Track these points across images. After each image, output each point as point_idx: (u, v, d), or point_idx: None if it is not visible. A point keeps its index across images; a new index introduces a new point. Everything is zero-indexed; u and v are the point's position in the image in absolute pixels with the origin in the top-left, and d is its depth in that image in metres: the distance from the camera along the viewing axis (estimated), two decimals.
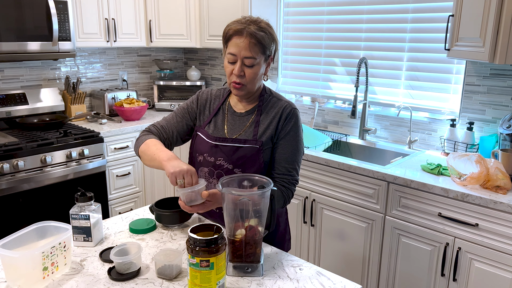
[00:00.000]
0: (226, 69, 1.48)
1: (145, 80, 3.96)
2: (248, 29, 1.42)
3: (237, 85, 1.46)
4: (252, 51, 1.42)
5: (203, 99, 1.63)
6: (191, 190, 1.30)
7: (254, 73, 1.45)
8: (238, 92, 1.49)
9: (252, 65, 1.44)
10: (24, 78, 3.18)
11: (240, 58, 1.43)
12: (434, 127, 2.66)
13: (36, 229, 1.29)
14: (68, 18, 2.91)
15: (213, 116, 1.58)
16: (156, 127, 1.60)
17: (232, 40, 1.43)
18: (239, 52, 1.42)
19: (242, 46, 1.41)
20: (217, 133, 1.55)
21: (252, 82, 1.47)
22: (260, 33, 1.43)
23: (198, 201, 1.33)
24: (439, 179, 2.12)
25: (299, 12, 3.24)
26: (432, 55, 2.61)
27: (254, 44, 1.42)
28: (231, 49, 1.43)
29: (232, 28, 1.43)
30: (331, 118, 3.16)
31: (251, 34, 1.41)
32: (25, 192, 2.61)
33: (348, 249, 2.46)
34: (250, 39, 1.41)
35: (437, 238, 2.08)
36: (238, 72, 1.43)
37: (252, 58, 1.43)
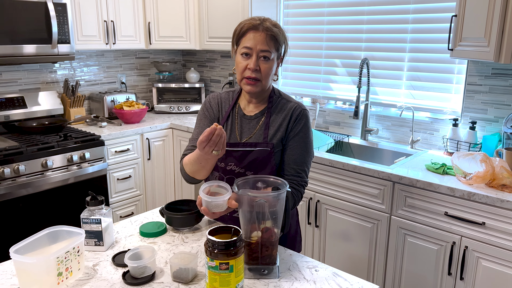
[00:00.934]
0: (238, 65, 1.46)
1: (144, 83, 3.93)
2: (264, 24, 1.44)
3: (252, 81, 1.45)
4: (269, 44, 1.42)
5: (216, 103, 1.60)
6: (220, 200, 1.26)
7: (269, 68, 1.45)
8: (252, 89, 1.46)
9: (268, 59, 1.44)
10: (22, 81, 3.14)
11: (256, 52, 1.42)
12: (436, 126, 2.67)
13: (48, 234, 1.27)
14: (67, 20, 2.88)
15: (225, 121, 1.56)
16: (189, 149, 1.55)
17: (247, 35, 1.43)
18: (255, 45, 1.42)
19: (259, 39, 1.41)
20: (228, 138, 1.53)
21: (267, 77, 1.46)
22: (275, 29, 1.44)
23: (223, 209, 1.30)
24: (444, 178, 2.13)
25: (299, 14, 3.24)
26: (433, 55, 2.63)
27: (270, 38, 1.43)
28: (247, 43, 1.43)
29: (246, 24, 1.44)
30: (332, 119, 3.17)
31: (267, 29, 1.43)
32: (25, 197, 2.57)
33: (353, 250, 2.46)
34: (266, 33, 1.42)
35: (444, 237, 2.09)
36: (254, 65, 1.42)
37: (268, 52, 1.43)
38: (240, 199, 1.22)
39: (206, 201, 1.28)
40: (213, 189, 1.31)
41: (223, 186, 1.29)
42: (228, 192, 1.26)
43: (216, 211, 1.29)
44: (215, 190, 1.31)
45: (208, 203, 1.27)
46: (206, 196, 1.26)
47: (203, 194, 1.27)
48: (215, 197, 1.26)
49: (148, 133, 3.27)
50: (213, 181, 1.33)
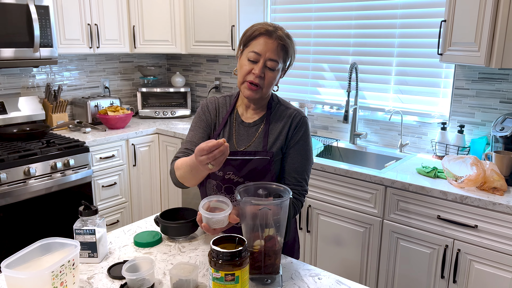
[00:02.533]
0: (242, 68, 1.41)
1: (128, 87, 3.86)
2: (278, 32, 1.40)
3: (254, 87, 1.41)
4: (278, 54, 1.39)
5: (213, 108, 1.55)
6: (221, 216, 1.21)
7: (273, 77, 1.42)
8: (252, 94, 1.42)
9: (274, 68, 1.40)
10: (1, 86, 3.04)
11: (264, 59, 1.39)
12: (424, 130, 2.69)
13: (41, 246, 1.21)
14: (49, 23, 2.80)
15: (222, 128, 1.53)
16: (183, 153, 1.48)
17: (259, 39, 1.39)
18: (265, 52, 1.38)
19: (270, 47, 1.38)
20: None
21: (269, 86, 1.43)
22: (288, 40, 1.42)
23: (224, 225, 1.25)
24: (436, 182, 2.14)
25: (286, 18, 3.23)
26: (421, 60, 2.65)
27: (281, 49, 1.40)
28: (257, 48, 1.38)
29: (260, 28, 1.40)
30: (320, 123, 3.16)
31: (280, 38, 1.39)
32: (7, 206, 2.47)
33: (345, 255, 2.45)
34: (278, 42, 1.39)
35: (436, 241, 2.10)
36: (259, 72, 1.39)
37: (276, 62, 1.40)
38: (242, 207, 1.19)
39: (207, 218, 1.22)
40: (213, 204, 1.26)
41: (223, 200, 1.25)
42: (228, 207, 1.22)
43: (217, 227, 1.25)
44: (215, 205, 1.26)
45: (208, 220, 1.22)
46: (206, 212, 1.21)
47: (203, 211, 1.21)
48: (216, 213, 1.21)
49: (133, 139, 3.20)
50: (212, 196, 1.28)
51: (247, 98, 1.47)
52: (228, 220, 1.24)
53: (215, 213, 1.21)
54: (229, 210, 1.22)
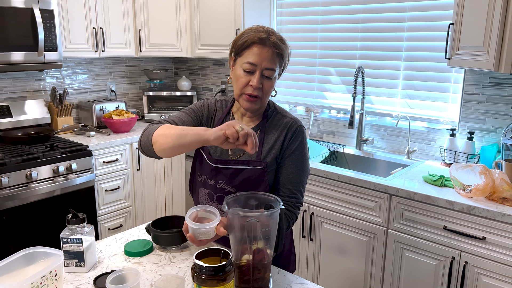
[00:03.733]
0: (239, 80, 1.35)
1: (134, 91, 3.85)
2: (271, 38, 1.33)
3: (253, 98, 1.35)
4: (274, 62, 1.33)
5: (212, 109, 1.49)
6: (208, 227, 1.16)
7: (271, 86, 1.37)
8: (252, 106, 1.37)
9: (271, 77, 1.35)
10: (7, 89, 3.05)
11: (260, 69, 1.32)
12: (433, 136, 2.61)
13: (24, 256, 1.18)
14: (54, 27, 2.80)
15: None
16: (167, 121, 1.39)
17: (253, 48, 1.32)
18: (261, 62, 1.32)
19: (265, 56, 1.31)
20: (219, 153, 1.44)
21: (268, 95, 1.38)
22: (282, 45, 1.35)
23: (210, 236, 1.20)
24: (442, 191, 2.07)
25: (292, 21, 3.18)
26: (429, 64, 2.58)
27: (277, 56, 1.34)
28: (251, 58, 1.32)
29: (252, 36, 1.33)
30: (326, 128, 3.10)
31: (275, 45, 1.33)
32: (9, 210, 2.47)
33: (349, 264, 2.38)
34: (274, 50, 1.32)
35: (443, 252, 2.02)
36: (257, 84, 1.33)
37: (272, 70, 1.34)
38: (230, 219, 1.14)
39: (193, 228, 1.18)
40: (201, 214, 1.21)
41: (211, 211, 1.20)
42: (216, 218, 1.17)
43: (203, 238, 1.20)
44: (202, 215, 1.21)
45: (194, 230, 1.17)
46: (192, 223, 1.16)
47: (189, 221, 1.17)
48: (202, 224, 1.16)
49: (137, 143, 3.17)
50: (201, 205, 1.23)
51: (246, 110, 1.42)
52: (215, 232, 1.19)
53: (201, 224, 1.16)
54: (216, 221, 1.17)
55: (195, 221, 1.19)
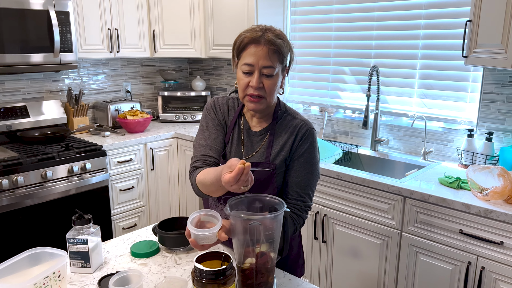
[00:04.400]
0: (240, 82, 1.34)
1: (150, 91, 3.87)
2: (265, 36, 1.30)
3: (255, 99, 1.33)
4: (271, 59, 1.30)
5: (224, 110, 1.48)
6: (209, 232, 1.14)
7: (274, 84, 1.33)
8: (256, 106, 1.35)
9: (271, 75, 1.31)
10: (25, 90, 3.11)
11: (258, 68, 1.30)
12: (450, 137, 2.54)
13: (29, 256, 1.19)
14: (69, 29, 2.84)
15: (231, 131, 1.45)
16: (200, 161, 1.40)
17: (248, 49, 1.30)
18: (257, 61, 1.29)
19: (260, 54, 1.29)
20: (234, 154, 1.42)
21: (272, 94, 1.35)
22: (278, 41, 1.31)
23: (212, 241, 1.18)
24: (458, 193, 2.00)
25: (306, 20, 3.15)
26: (446, 63, 2.51)
27: (273, 52, 1.30)
28: (248, 59, 1.30)
29: (247, 36, 1.31)
30: (340, 128, 3.05)
31: (270, 42, 1.29)
32: (25, 209, 2.51)
33: (362, 268, 2.33)
34: (269, 47, 1.29)
35: (459, 257, 1.95)
36: (257, 83, 1.30)
37: (271, 68, 1.30)
38: (233, 221, 1.12)
39: (194, 233, 1.16)
40: (204, 218, 1.19)
41: (213, 215, 1.18)
42: (218, 223, 1.15)
43: (205, 243, 1.17)
44: (205, 219, 1.19)
45: (196, 236, 1.15)
46: (193, 228, 1.14)
47: (191, 226, 1.14)
48: (203, 230, 1.14)
49: (151, 143, 3.20)
50: (203, 210, 1.22)
51: (252, 111, 1.40)
52: (217, 237, 1.16)
53: (203, 230, 1.14)
54: (217, 226, 1.14)
55: (197, 226, 1.18)
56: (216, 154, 1.41)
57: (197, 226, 1.17)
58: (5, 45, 2.58)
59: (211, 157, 1.40)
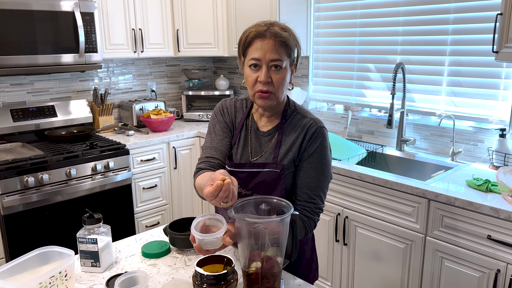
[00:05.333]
0: (248, 79, 1.31)
1: (174, 90, 3.90)
2: (271, 29, 1.27)
3: (265, 94, 1.29)
4: (279, 52, 1.26)
5: (232, 110, 1.46)
6: (213, 237, 1.11)
7: (282, 78, 1.29)
8: (266, 102, 1.31)
9: (279, 68, 1.28)
10: (53, 90, 3.19)
11: (265, 62, 1.27)
12: (481, 137, 2.41)
13: (39, 255, 1.20)
14: (94, 29, 2.88)
15: (238, 133, 1.43)
16: (204, 162, 1.39)
17: (254, 44, 1.27)
18: (264, 55, 1.26)
19: (267, 48, 1.25)
20: (240, 156, 1.39)
21: (281, 89, 1.31)
22: (285, 33, 1.28)
23: (217, 246, 1.13)
24: (487, 196, 1.89)
25: (330, 16, 3.07)
26: (477, 58, 2.38)
27: (280, 45, 1.26)
28: (254, 54, 1.27)
29: (252, 31, 1.28)
30: (365, 127, 2.97)
31: (276, 35, 1.26)
32: (52, 205, 2.58)
33: (384, 272, 2.26)
34: (275, 39, 1.26)
35: (487, 264, 1.85)
36: (265, 78, 1.27)
37: (279, 60, 1.27)
38: (238, 224, 1.09)
39: (198, 238, 1.12)
40: (209, 222, 1.15)
41: (219, 219, 1.15)
42: (222, 228, 1.12)
43: (210, 248, 1.13)
44: (210, 223, 1.16)
45: (200, 241, 1.11)
46: (197, 233, 1.10)
47: (194, 231, 1.10)
48: (207, 234, 1.11)
49: (174, 142, 3.21)
50: (207, 214, 1.19)
51: (262, 108, 1.37)
52: (222, 242, 1.13)
53: (207, 234, 1.11)
54: (222, 230, 1.11)
55: (202, 230, 1.15)
56: (221, 156, 1.39)
57: (202, 231, 1.14)
58: (31, 46, 2.64)
59: (215, 158, 1.38)
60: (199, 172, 1.34)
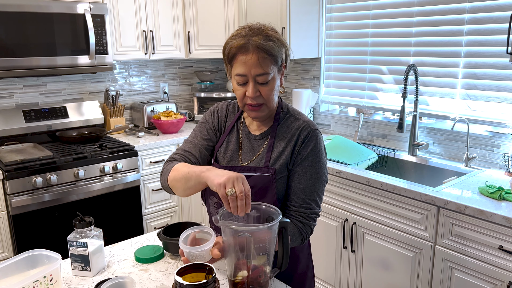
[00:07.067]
0: (236, 92, 1.27)
1: (186, 92, 3.90)
2: (252, 42, 1.20)
3: (255, 107, 1.26)
4: (264, 66, 1.20)
5: (222, 115, 1.44)
6: (201, 250, 1.08)
7: (271, 89, 1.25)
8: (258, 114, 1.28)
9: (266, 81, 1.23)
10: (66, 92, 3.22)
11: (251, 78, 1.22)
12: (497, 142, 2.31)
13: (27, 258, 1.19)
14: (105, 31, 2.90)
15: (226, 136, 1.41)
16: (180, 154, 1.38)
17: (238, 58, 1.21)
18: (249, 70, 1.21)
19: (251, 63, 1.20)
20: (228, 159, 1.37)
21: (271, 99, 1.26)
22: (268, 43, 1.21)
23: (206, 259, 1.11)
24: (500, 205, 1.80)
25: (342, 17, 3.01)
26: (493, 60, 2.28)
27: (264, 58, 1.20)
28: (239, 69, 1.22)
29: (233, 46, 1.22)
30: (378, 131, 2.89)
31: (258, 47, 1.19)
32: (61, 206, 2.60)
33: (393, 281, 2.18)
34: (258, 53, 1.20)
35: (499, 276, 1.76)
36: (253, 93, 1.23)
37: (266, 74, 1.22)
38: (222, 232, 1.06)
39: (186, 252, 1.09)
40: (199, 235, 1.13)
41: (208, 232, 1.11)
42: (210, 240, 1.08)
43: (199, 261, 1.09)
44: (200, 236, 1.13)
45: (188, 254, 1.08)
46: (185, 246, 1.08)
47: (182, 244, 1.08)
48: (195, 247, 1.07)
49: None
50: (197, 226, 1.15)
51: (255, 119, 1.34)
52: (211, 255, 1.10)
53: (194, 247, 1.08)
54: (209, 243, 1.08)
55: (193, 243, 1.12)
56: (198, 155, 1.37)
57: (193, 244, 1.11)
58: (42, 48, 2.67)
59: (193, 156, 1.37)
60: (173, 162, 1.32)
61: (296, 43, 2.98)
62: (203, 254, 1.08)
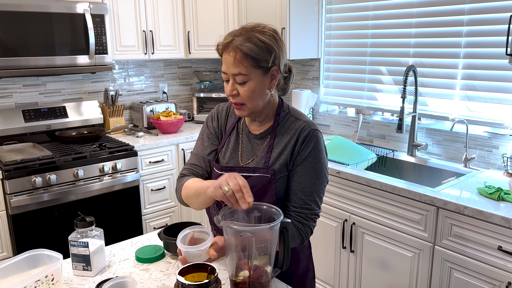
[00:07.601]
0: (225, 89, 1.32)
1: (186, 92, 3.90)
2: (234, 42, 1.22)
3: (237, 106, 1.29)
4: (239, 66, 1.21)
5: (223, 116, 1.45)
6: (198, 249, 1.09)
7: (249, 90, 1.24)
8: (240, 113, 1.30)
9: (243, 82, 1.23)
10: (65, 91, 3.22)
11: (231, 76, 1.25)
12: (496, 143, 2.32)
13: (28, 258, 1.19)
14: (105, 31, 2.90)
15: (227, 137, 1.41)
16: (187, 169, 1.41)
17: (223, 56, 1.25)
18: (228, 69, 1.24)
19: (228, 62, 1.23)
20: (228, 159, 1.37)
21: (251, 100, 1.26)
22: (247, 45, 1.20)
23: (204, 259, 1.12)
24: (499, 205, 1.81)
25: (342, 18, 3.02)
26: (492, 62, 2.29)
27: (242, 58, 1.20)
28: (222, 67, 1.26)
29: (220, 44, 1.26)
30: (377, 131, 2.89)
31: (236, 47, 1.21)
32: (60, 206, 2.60)
33: (392, 281, 2.19)
34: (235, 54, 1.21)
35: (498, 276, 1.77)
36: (229, 92, 1.26)
37: (241, 75, 1.22)
38: (224, 232, 1.06)
39: (183, 251, 1.10)
40: (197, 235, 1.14)
41: (206, 231, 1.12)
42: (207, 240, 1.09)
43: (196, 261, 1.10)
44: (198, 236, 1.14)
45: (185, 253, 1.09)
46: (182, 245, 1.09)
47: (180, 244, 1.09)
48: (192, 247, 1.08)
49: (183, 144, 3.20)
50: (195, 226, 1.16)
51: (239, 117, 1.39)
52: (208, 255, 1.11)
53: (191, 246, 1.08)
54: (207, 243, 1.08)
55: (191, 243, 1.12)
56: (204, 165, 1.41)
57: (191, 243, 1.12)
58: (42, 47, 2.67)
59: (200, 167, 1.40)
60: (184, 178, 1.35)
61: (296, 44, 2.99)
62: (200, 254, 1.09)
